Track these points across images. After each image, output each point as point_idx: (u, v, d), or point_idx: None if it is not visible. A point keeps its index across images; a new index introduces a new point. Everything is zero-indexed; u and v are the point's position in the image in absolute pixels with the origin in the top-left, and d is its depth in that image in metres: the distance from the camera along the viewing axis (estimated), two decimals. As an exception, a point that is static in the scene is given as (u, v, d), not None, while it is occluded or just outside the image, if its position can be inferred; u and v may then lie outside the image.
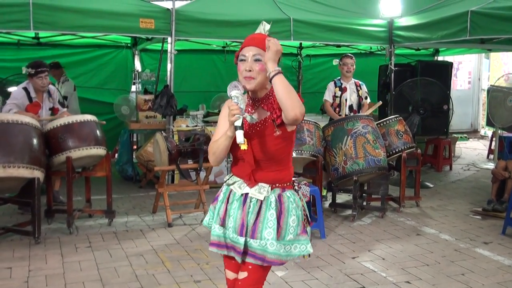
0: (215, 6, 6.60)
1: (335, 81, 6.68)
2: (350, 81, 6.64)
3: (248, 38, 2.45)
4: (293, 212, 2.44)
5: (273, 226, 2.38)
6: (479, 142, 12.53)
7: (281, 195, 2.43)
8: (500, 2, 5.89)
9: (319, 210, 5.12)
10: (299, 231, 2.46)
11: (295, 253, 2.46)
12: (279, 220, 2.40)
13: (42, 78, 5.52)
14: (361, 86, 6.71)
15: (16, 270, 4.17)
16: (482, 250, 4.82)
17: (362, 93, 6.67)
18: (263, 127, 2.39)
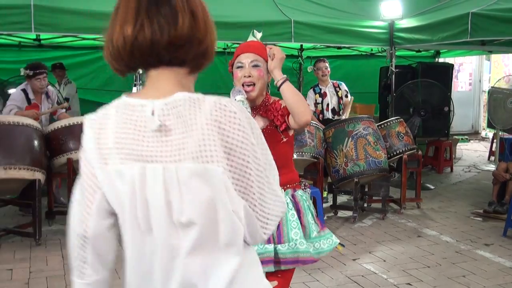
0: (216, 8, 6.55)
1: (313, 88, 6.67)
2: (328, 85, 6.62)
3: (243, 45, 2.47)
4: (309, 210, 2.48)
5: (297, 226, 2.42)
6: (480, 144, 12.52)
7: (294, 195, 2.46)
8: (501, 3, 5.89)
9: (320, 212, 5.12)
10: (318, 227, 2.50)
11: (326, 248, 2.49)
12: (300, 219, 2.42)
13: (41, 79, 5.52)
14: (340, 86, 6.69)
15: (17, 271, 4.18)
16: (483, 252, 4.81)
17: (341, 93, 6.66)
18: (267, 134, 2.40)
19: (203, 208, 1.16)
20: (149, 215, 1.19)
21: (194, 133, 1.14)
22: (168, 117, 1.17)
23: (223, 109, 1.16)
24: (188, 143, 1.15)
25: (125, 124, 1.20)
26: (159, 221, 1.19)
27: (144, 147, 1.18)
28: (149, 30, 1.18)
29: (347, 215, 5.99)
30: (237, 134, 1.17)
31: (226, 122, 1.16)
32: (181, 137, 1.16)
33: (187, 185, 1.15)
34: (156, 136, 1.17)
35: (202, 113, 1.15)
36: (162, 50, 1.19)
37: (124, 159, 1.19)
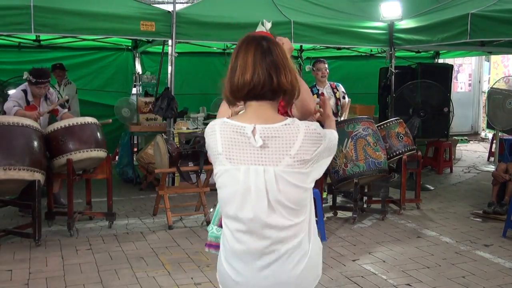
0: (216, 9, 6.61)
1: (311, 89, 6.62)
2: (326, 86, 6.58)
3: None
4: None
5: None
6: (480, 145, 12.53)
7: None
8: (501, 4, 5.90)
9: (319, 213, 5.12)
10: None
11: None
12: None
13: (41, 88, 5.54)
14: (337, 88, 6.65)
15: (17, 272, 4.17)
16: (483, 252, 4.81)
17: (339, 94, 6.64)
18: None
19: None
20: (248, 198, 1.76)
21: (290, 151, 1.73)
22: (267, 139, 1.74)
23: (312, 131, 1.77)
24: (283, 156, 1.73)
25: (233, 140, 1.77)
26: (257, 202, 1.75)
27: (248, 154, 1.76)
28: (262, 77, 1.74)
29: (346, 215, 5.99)
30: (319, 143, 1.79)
31: (313, 138, 1.77)
32: (275, 153, 1.73)
33: (281, 180, 1.73)
34: (257, 150, 1.75)
35: (299, 134, 1.74)
36: (268, 92, 1.77)
37: (234, 162, 1.77)
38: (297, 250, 1.79)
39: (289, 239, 1.78)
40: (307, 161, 1.76)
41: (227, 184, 1.80)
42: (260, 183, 1.74)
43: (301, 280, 1.81)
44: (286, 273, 1.79)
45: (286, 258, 1.78)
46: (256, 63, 1.74)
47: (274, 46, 1.81)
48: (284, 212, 1.76)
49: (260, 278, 1.81)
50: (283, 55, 1.80)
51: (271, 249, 1.78)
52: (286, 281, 1.80)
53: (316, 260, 1.88)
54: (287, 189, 1.75)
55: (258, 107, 1.79)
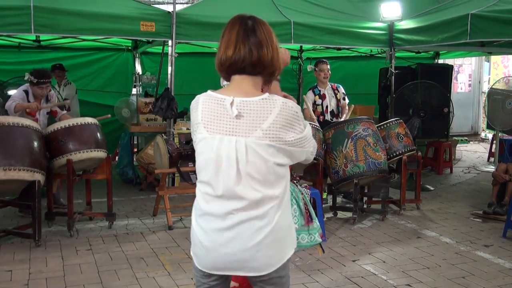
0: (216, 9, 6.61)
1: (312, 90, 6.61)
2: (327, 87, 6.58)
3: None
4: (293, 202, 2.47)
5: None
6: (480, 145, 12.54)
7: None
8: (501, 5, 5.90)
9: (319, 213, 5.11)
10: (303, 221, 2.48)
11: (304, 244, 2.47)
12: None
13: (43, 88, 5.55)
14: (338, 89, 6.66)
15: (17, 272, 4.17)
16: (483, 253, 4.81)
17: (340, 95, 6.64)
18: None
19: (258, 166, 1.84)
20: (220, 166, 1.86)
21: (263, 124, 1.82)
22: (242, 110, 1.84)
23: (289, 108, 1.86)
24: (255, 128, 1.82)
25: (213, 110, 1.88)
26: (227, 170, 1.84)
27: (224, 124, 1.85)
28: (242, 52, 1.87)
29: (346, 216, 5.99)
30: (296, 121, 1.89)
31: (289, 114, 1.86)
32: (248, 124, 1.82)
33: (251, 151, 1.82)
34: (233, 120, 1.84)
35: (274, 109, 1.83)
36: (248, 66, 1.88)
37: (211, 131, 1.87)
38: (260, 219, 1.85)
39: (254, 207, 1.85)
40: (279, 138, 1.83)
41: (204, 151, 1.91)
42: (231, 152, 1.83)
43: (259, 250, 1.86)
44: (245, 239, 1.86)
45: (248, 224, 1.85)
46: (239, 39, 1.88)
47: (259, 24, 1.95)
48: (252, 182, 1.84)
49: (222, 239, 1.88)
50: (267, 34, 1.93)
51: (236, 214, 1.86)
52: (244, 247, 1.86)
53: (281, 235, 1.90)
54: (256, 161, 1.83)
55: (240, 80, 1.91)
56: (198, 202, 1.96)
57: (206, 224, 1.93)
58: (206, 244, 1.92)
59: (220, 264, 1.91)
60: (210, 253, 1.92)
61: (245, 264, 1.88)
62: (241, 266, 1.89)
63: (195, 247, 1.98)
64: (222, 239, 1.88)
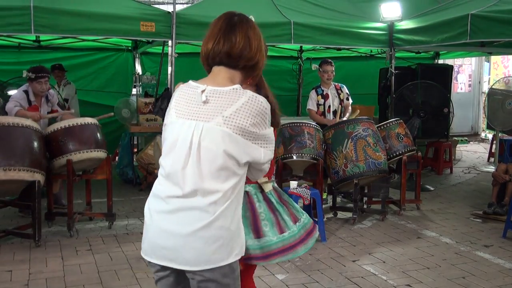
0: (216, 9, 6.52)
1: (316, 89, 6.64)
2: (331, 86, 6.60)
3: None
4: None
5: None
6: (480, 145, 12.54)
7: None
8: (501, 5, 5.89)
9: (319, 213, 5.12)
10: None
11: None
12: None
13: (42, 83, 5.54)
14: (341, 89, 6.68)
15: (17, 273, 4.17)
16: (483, 253, 4.81)
17: (343, 95, 6.65)
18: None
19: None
20: (174, 148, 1.89)
21: (225, 112, 1.82)
22: (211, 96, 1.87)
23: (258, 102, 1.86)
24: (217, 115, 1.83)
25: (186, 96, 1.93)
26: (178, 152, 1.87)
27: (191, 110, 1.89)
28: (221, 44, 1.90)
29: (346, 216, 5.99)
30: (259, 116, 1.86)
31: (256, 108, 1.85)
32: (211, 110, 1.84)
33: (206, 135, 1.82)
34: (200, 105, 1.88)
35: (241, 99, 1.84)
36: (224, 56, 1.91)
37: (179, 115, 1.91)
38: (200, 210, 1.83)
39: (196, 196, 1.83)
40: (239, 127, 1.81)
41: (167, 136, 1.94)
42: (188, 135, 1.85)
43: (194, 240, 1.83)
44: (182, 225, 1.84)
45: (187, 212, 1.84)
46: (220, 32, 1.91)
47: (244, 21, 1.96)
48: (198, 170, 1.83)
49: (162, 222, 1.88)
50: (251, 30, 1.94)
51: (177, 199, 1.86)
52: (179, 234, 1.84)
53: (221, 234, 1.84)
54: (208, 146, 1.82)
55: (217, 71, 1.94)
56: (155, 184, 1.99)
57: (152, 205, 1.95)
58: (148, 223, 1.94)
59: (156, 250, 1.90)
60: (148, 235, 1.93)
61: (177, 253, 1.85)
62: (175, 256, 1.86)
63: (145, 222, 1.99)
64: (161, 222, 1.88)
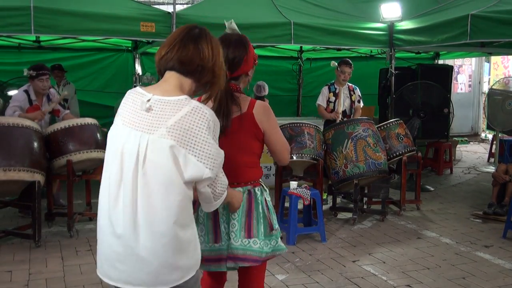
0: (216, 10, 6.61)
1: (329, 86, 6.64)
2: (344, 86, 6.61)
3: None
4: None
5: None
6: (480, 146, 12.53)
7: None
8: (501, 5, 5.89)
9: (319, 214, 5.12)
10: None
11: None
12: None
13: (43, 80, 5.54)
14: (354, 91, 6.68)
15: (17, 273, 4.17)
16: (483, 253, 4.81)
17: (355, 97, 6.65)
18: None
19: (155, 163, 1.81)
20: (123, 162, 1.85)
21: (168, 121, 1.80)
22: (156, 106, 1.85)
23: (202, 113, 1.83)
24: (160, 125, 1.80)
25: (132, 103, 1.91)
26: (127, 162, 1.83)
27: (136, 118, 1.86)
28: (176, 52, 1.91)
29: (346, 216, 5.98)
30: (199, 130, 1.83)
31: (199, 118, 1.83)
32: (155, 120, 1.82)
33: (152, 148, 1.79)
34: (144, 113, 1.85)
35: (184, 109, 1.82)
36: (176, 62, 1.91)
37: (124, 123, 1.89)
38: (146, 231, 1.79)
39: (143, 214, 1.79)
40: (182, 139, 1.78)
41: (113, 142, 1.91)
42: (134, 148, 1.82)
43: (145, 262, 1.81)
44: (129, 248, 1.81)
45: (134, 232, 1.80)
46: (177, 40, 1.92)
47: (204, 34, 1.97)
48: (147, 185, 1.79)
49: (113, 244, 1.85)
50: (210, 44, 1.95)
51: (124, 220, 1.82)
52: (130, 254, 1.81)
53: (171, 255, 1.81)
54: (154, 159, 1.79)
55: (168, 77, 1.93)
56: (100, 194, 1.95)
57: (101, 222, 1.92)
58: (100, 242, 1.92)
59: (111, 270, 1.87)
60: (102, 255, 1.91)
61: (133, 275, 1.83)
62: (130, 277, 1.83)
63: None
64: (112, 244, 1.85)
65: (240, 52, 2.43)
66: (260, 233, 2.45)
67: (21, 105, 5.52)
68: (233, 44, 2.42)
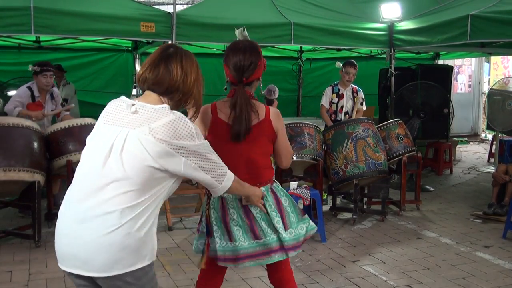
0: (216, 10, 6.61)
1: (332, 87, 6.63)
2: (348, 88, 6.60)
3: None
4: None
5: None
6: (480, 146, 12.53)
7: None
8: (501, 6, 5.89)
9: (319, 214, 5.12)
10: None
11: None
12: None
13: (47, 77, 5.56)
14: (358, 92, 6.65)
15: (17, 273, 4.17)
16: (483, 253, 4.81)
17: (358, 99, 6.65)
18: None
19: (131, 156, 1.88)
20: (95, 151, 1.96)
21: (152, 124, 1.89)
22: (140, 108, 1.95)
23: (186, 125, 1.95)
24: (143, 125, 1.89)
25: (115, 107, 2.01)
26: (98, 153, 1.92)
27: (118, 118, 1.96)
28: (150, 73, 2.03)
29: (346, 217, 5.99)
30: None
31: (183, 129, 1.94)
32: (139, 120, 1.91)
33: (131, 140, 1.88)
34: (129, 115, 1.94)
35: (169, 116, 1.93)
36: (151, 84, 2.04)
37: (106, 122, 1.99)
38: (111, 216, 1.84)
39: (110, 200, 1.85)
40: (165, 140, 1.87)
41: (91, 138, 2.03)
42: (111, 138, 1.91)
43: (88, 250, 1.85)
44: (90, 231, 1.85)
45: (98, 218, 1.85)
46: (153, 61, 2.03)
47: (178, 53, 2.06)
48: (116, 174, 1.86)
49: (74, 229, 1.90)
50: (185, 62, 2.05)
51: (91, 204, 1.87)
52: (88, 240, 1.86)
53: (128, 240, 1.87)
54: (133, 151, 1.86)
55: (148, 94, 2.05)
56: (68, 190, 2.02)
57: (62, 211, 1.99)
58: (58, 231, 1.97)
59: (69, 258, 1.91)
60: (59, 243, 1.95)
61: (88, 261, 1.86)
62: (85, 264, 1.87)
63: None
64: (72, 229, 1.90)
65: (255, 58, 2.59)
66: (292, 223, 2.66)
67: (23, 101, 5.53)
68: (248, 50, 2.60)
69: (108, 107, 2.05)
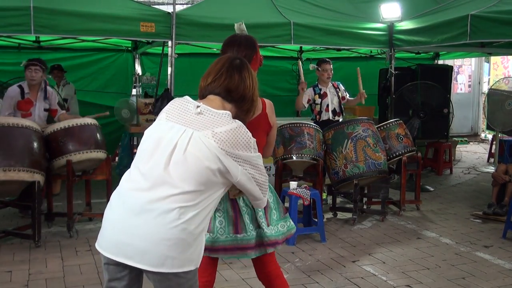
0: (216, 10, 6.61)
1: (314, 88, 6.59)
2: (329, 85, 6.59)
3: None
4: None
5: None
6: (480, 146, 12.54)
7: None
8: (500, 6, 5.90)
9: (319, 214, 5.12)
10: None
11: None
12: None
13: (32, 71, 5.55)
14: (339, 87, 6.67)
15: (16, 273, 4.17)
16: (483, 253, 4.81)
17: (341, 93, 6.66)
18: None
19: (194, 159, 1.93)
20: (157, 147, 1.99)
21: (216, 129, 1.95)
22: (205, 111, 2.02)
23: (245, 136, 2.00)
24: (207, 128, 1.96)
25: (180, 106, 2.07)
26: (162, 152, 1.96)
27: (182, 117, 2.02)
28: (222, 79, 2.11)
29: (346, 217, 5.98)
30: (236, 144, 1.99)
31: (241, 138, 1.99)
32: (203, 123, 1.97)
33: (194, 142, 1.93)
34: (193, 115, 2.01)
35: (232, 124, 1.99)
36: (223, 90, 2.10)
37: (169, 118, 2.04)
38: (170, 213, 1.89)
39: (170, 198, 1.90)
40: (224, 144, 1.93)
41: (151, 134, 2.05)
42: (174, 138, 1.96)
43: (145, 241, 1.89)
44: (148, 227, 1.89)
45: (149, 210, 1.90)
46: (223, 70, 2.12)
47: (245, 65, 2.17)
48: (181, 173, 1.91)
49: (131, 219, 1.92)
50: (250, 73, 2.15)
51: (151, 199, 1.91)
52: (147, 233, 1.89)
53: (186, 238, 1.91)
54: (196, 153, 1.91)
55: (213, 99, 2.10)
56: (122, 179, 2.07)
57: (116, 201, 2.01)
58: (111, 219, 2.00)
59: (120, 246, 1.93)
60: (110, 230, 1.97)
61: (143, 253, 1.89)
62: (138, 255, 1.90)
63: (104, 218, 2.05)
64: (130, 219, 1.93)
65: (250, 51, 2.62)
66: (272, 220, 2.67)
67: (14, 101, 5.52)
68: (244, 43, 2.63)
69: (172, 104, 2.09)
